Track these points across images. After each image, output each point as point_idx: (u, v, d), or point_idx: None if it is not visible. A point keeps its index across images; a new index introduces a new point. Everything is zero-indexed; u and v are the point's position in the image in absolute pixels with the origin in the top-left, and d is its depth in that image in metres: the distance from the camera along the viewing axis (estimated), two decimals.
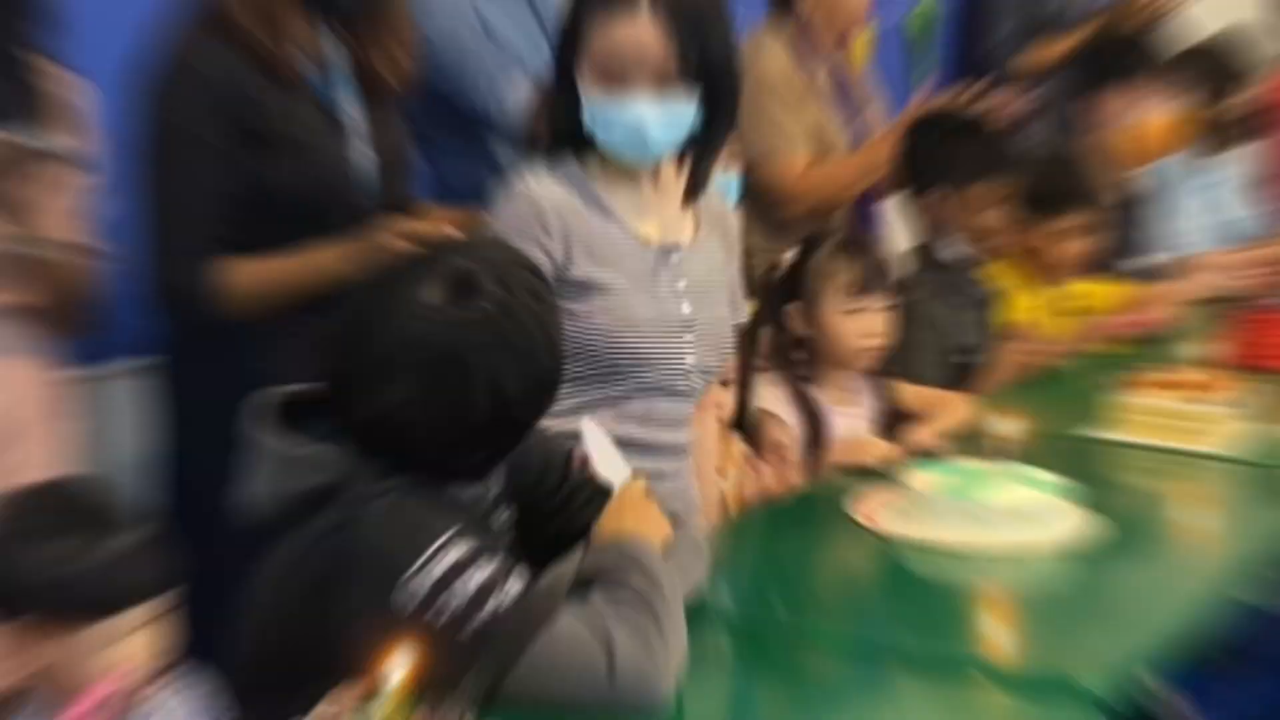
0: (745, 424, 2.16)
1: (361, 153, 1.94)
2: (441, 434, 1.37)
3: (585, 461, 1.58)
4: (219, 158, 1.81)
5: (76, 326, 1.78)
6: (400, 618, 1.27)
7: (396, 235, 1.74)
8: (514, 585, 1.32)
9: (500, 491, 1.50)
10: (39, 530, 1.34)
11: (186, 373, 1.95)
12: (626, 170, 1.72)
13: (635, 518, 1.49)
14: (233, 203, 1.81)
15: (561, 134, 1.74)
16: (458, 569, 1.30)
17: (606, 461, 1.56)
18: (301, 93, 1.88)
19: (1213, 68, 3.23)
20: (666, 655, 1.37)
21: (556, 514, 1.57)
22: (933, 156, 2.53)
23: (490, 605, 1.30)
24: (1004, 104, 2.71)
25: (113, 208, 1.98)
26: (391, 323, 1.36)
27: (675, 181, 1.77)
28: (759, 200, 2.52)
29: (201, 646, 1.48)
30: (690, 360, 1.76)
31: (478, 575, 1.30)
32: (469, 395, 1.35)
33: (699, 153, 1.72)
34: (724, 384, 2.03)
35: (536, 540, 1.55)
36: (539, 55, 2.29)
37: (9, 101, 1.65)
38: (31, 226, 1.65)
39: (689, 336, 1.76)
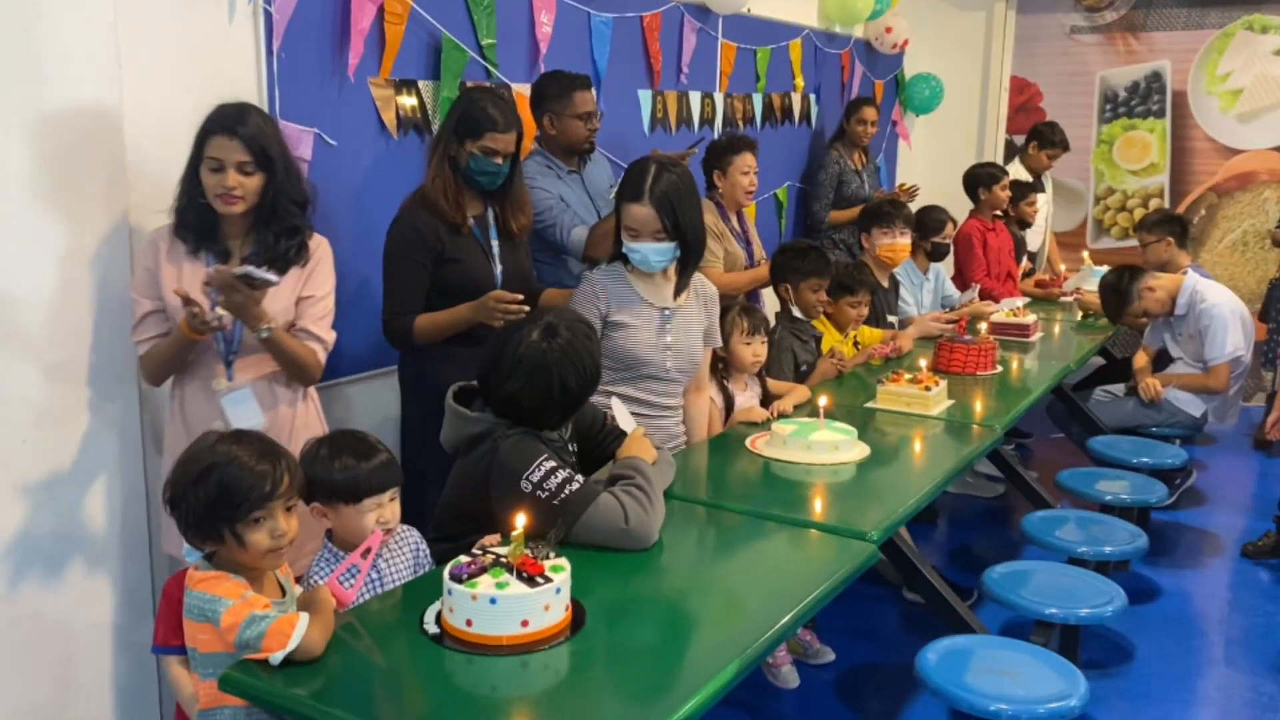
0: None
1: (498, 266, 2.90)
2: (537, 406, 2.19)
3: (612, 419, 2.48)
4: (420, 266, 2.78)
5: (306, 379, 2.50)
6: (524, 494, 2.10)
7: (494, 302, 2.66)
8: (577, 481, 2.11)
9: (569, 435, 2.36)
10: (332, 453, 2.03)
11: (404, 374, 2.96)
12: (644, 274, 2.73)
13: (638, 448, 2.36)
14: (421, 289, 2.80)
15: (617, 255, 2.74)
16: (550, 472, 2.11)
17: (624, 419, 2.48)
18: (467, 234, 2.84)
19: (927, 221, 4.73)
20: (654, 515, 2.15)
21: (598, 446, 2.44)
22: (786, 266, 3.68)
23: (567, 489, 2.09)
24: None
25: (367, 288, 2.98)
26: (514, 348, 2.20)
27: (672, 278, 2.76)
28: None
29: (416, 515, 2.32)
30: (670, 365, 2.76)
31: (560, 474, 2.10)
32: (551, 386, 2.18)
33: (680, 267, 2.73)
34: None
35: (590, 460, 2.44)
36: (591, 215, 3.40)
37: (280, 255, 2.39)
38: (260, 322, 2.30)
39: (669, 353, 2.75)
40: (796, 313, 3.72)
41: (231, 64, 2.78)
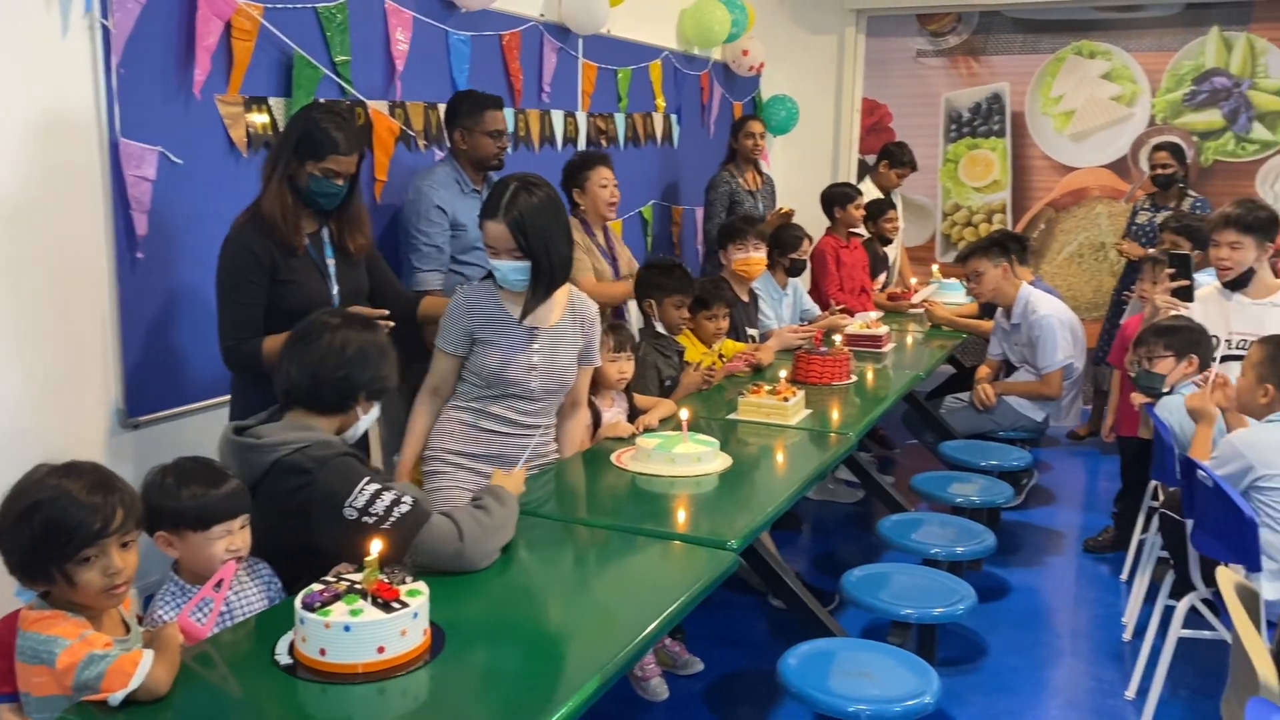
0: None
1: (334, 286, 2.82)
2: (309, 377, 2.17)
3: None
4: (258, 288, 2.69)
5: None
6: (348, 522, 1.99)
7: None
8: (406, 501, 2.04)
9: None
10: (179, 481, 1.96)
11: (243, 401, 2.78)
12: (513, 292, 2.69)
13: (510, 481, 2.42)
14: (260, 310, 2.70)
15: (488, 275, 2.73)
16: (375, 495, 2.02)
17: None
18: (303, 255, 2.75)
19: (784, 238, 4.87)
20: (492, 537, 2.12)
21: None
22: (651, 283, 3.75)
23: (397, 511, 2.01)
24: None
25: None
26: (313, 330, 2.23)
27: (544, 298, 2.67)
28: None
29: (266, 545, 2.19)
30: (535, 385, 2.72)
31: (387, 495, 2.02)
32: (325, 356, 2.19)
33: (533, 287, 2.65)
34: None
35: None
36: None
37: None
38: None
39: (535, 373, 2.71)
40: (660, 329, 3.77)
41: (67, 80, 2.67)
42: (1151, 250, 5.39)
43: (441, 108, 3.79)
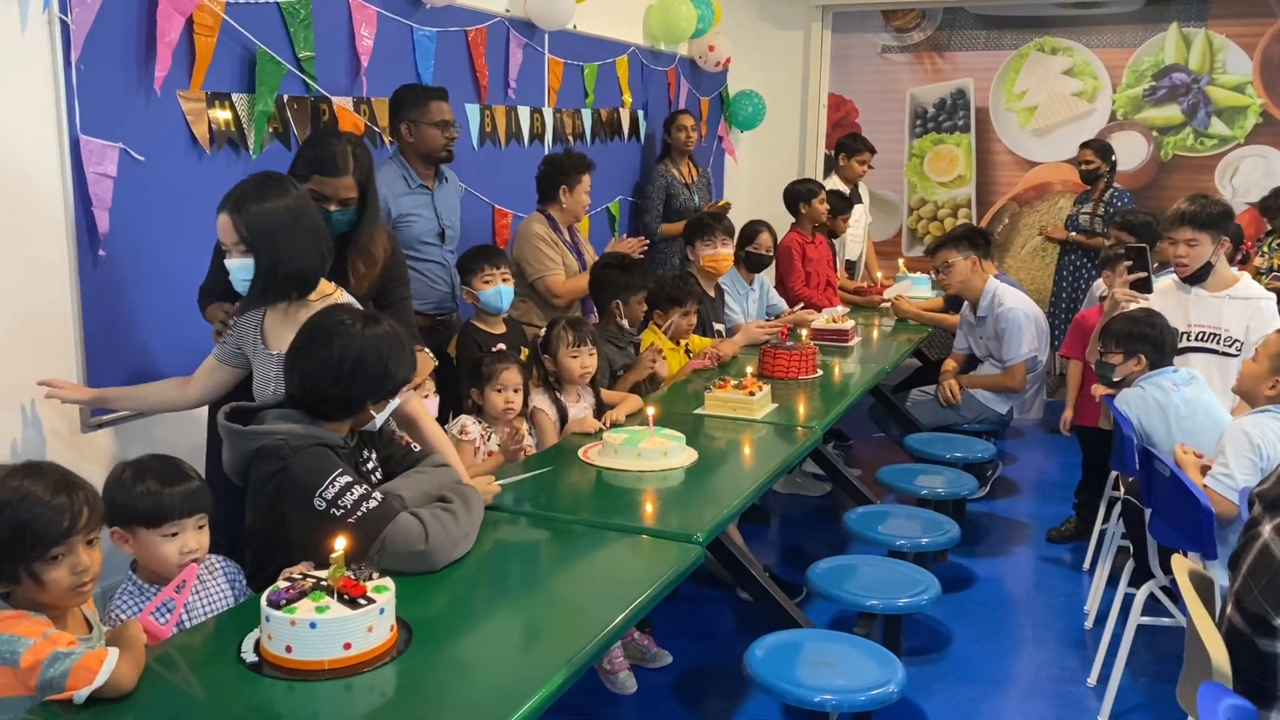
0: (528, 415, 3.14)
1: None
2: (325, 385, 2.09)
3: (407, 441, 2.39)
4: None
5: None
6: (317, 513, 1.97)
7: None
8: (374, 498, 2.02)
9: (369, 453, 2.25)
10: (136, 476, 1.95)
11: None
12: (274, 312, 2.42)
13: (480, 482, 2.41)
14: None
15: None
16: (344, 489, 2.00)
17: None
18: None
19: (747, 232, 4.91)
20: (458, 538, 2.10)
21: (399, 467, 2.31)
22: (615, 283, 3.76)
23: (364, 507, 1.99)
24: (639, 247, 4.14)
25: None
26: (325, 327, 2.14)
27: (295, 316, 2.37)
28: (541, 297, 3.88)
29: (227, 540, 2.20)
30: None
31: (355, 491, 2.00)
32: (343, 361, 2.10)
33: (260, 284, 2.37)
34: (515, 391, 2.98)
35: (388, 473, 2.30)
36: (433, 234, 3.56)
37: None
38: None
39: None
40: (625, 324, 3.79)
41: (26, 76, 2.64)
42: (1073, 234, 5.91)
43: None
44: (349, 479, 2.03)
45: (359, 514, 2.01)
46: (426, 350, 2.98)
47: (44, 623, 1.64)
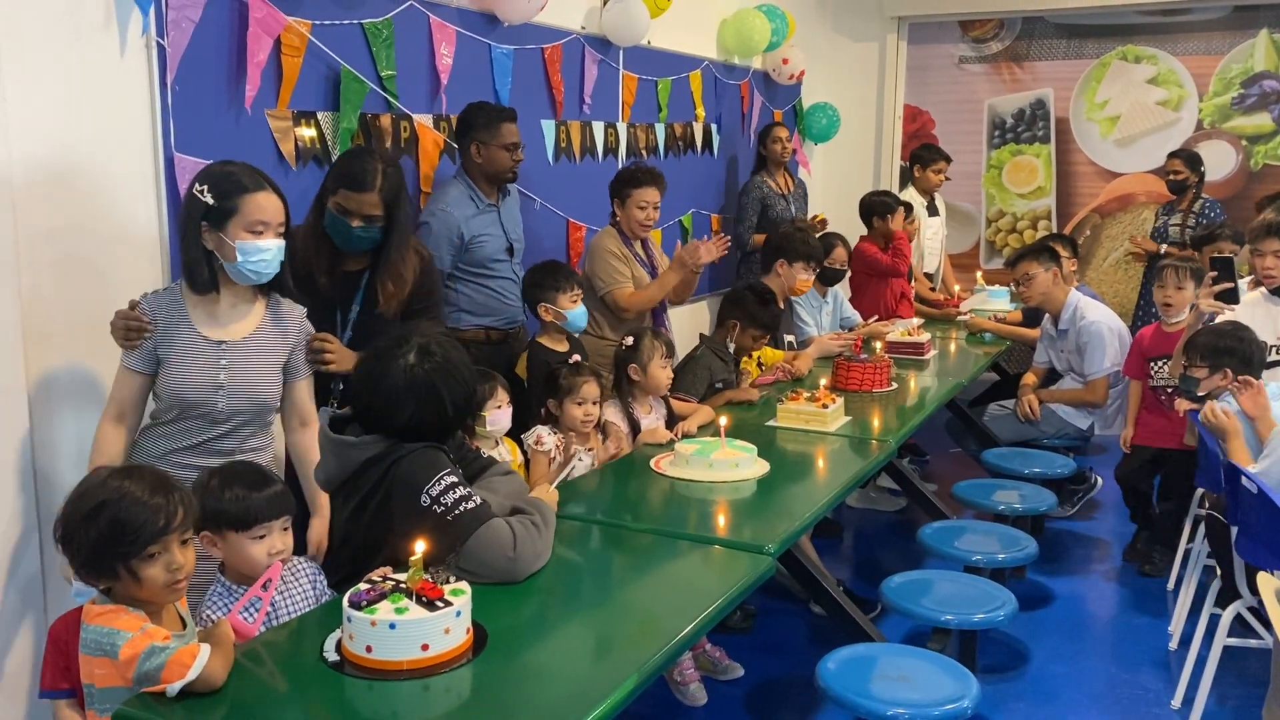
0: (602, 428, 3.18)
1: (346, 333, 2.77)
2: (433, 426, 2.15)
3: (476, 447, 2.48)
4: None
5: None
6: (423, 509, 2.04)
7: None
8: (474, 500, 2.08)
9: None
10: (223, 483, 2.05)
11: None
12: (201, 298, 2.38)
13: (548, 495, 2.43)
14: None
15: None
16: (448, 487, 2.07)
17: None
18: (323, 288, 2.73)
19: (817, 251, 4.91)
20: (542, 549, 2.15)
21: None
22: (744, 311, 3.91)
23: (462, 507, 2.06)
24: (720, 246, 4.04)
25: None
26: (394, 377, 2.13)
27: (238, 305, 2.40)
28: (612, 310, 3.91)
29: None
30: (222, 405, 2.35)
31: (457, 490, 2.07)
32: (442, 406, 2.15)
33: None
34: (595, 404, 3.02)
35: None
36: (501, 251, 3.66)
37: None
38: None
39: (222, 392, 2.35)
40: (731, 348, 3.91)
41: (124, 97, 2.76)
42: (1163, 246, 5.66)
43: None
44: (454, 479, 2.09)
45: (457, 512, 2.05)
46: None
47: (142, 618, 1.72)
